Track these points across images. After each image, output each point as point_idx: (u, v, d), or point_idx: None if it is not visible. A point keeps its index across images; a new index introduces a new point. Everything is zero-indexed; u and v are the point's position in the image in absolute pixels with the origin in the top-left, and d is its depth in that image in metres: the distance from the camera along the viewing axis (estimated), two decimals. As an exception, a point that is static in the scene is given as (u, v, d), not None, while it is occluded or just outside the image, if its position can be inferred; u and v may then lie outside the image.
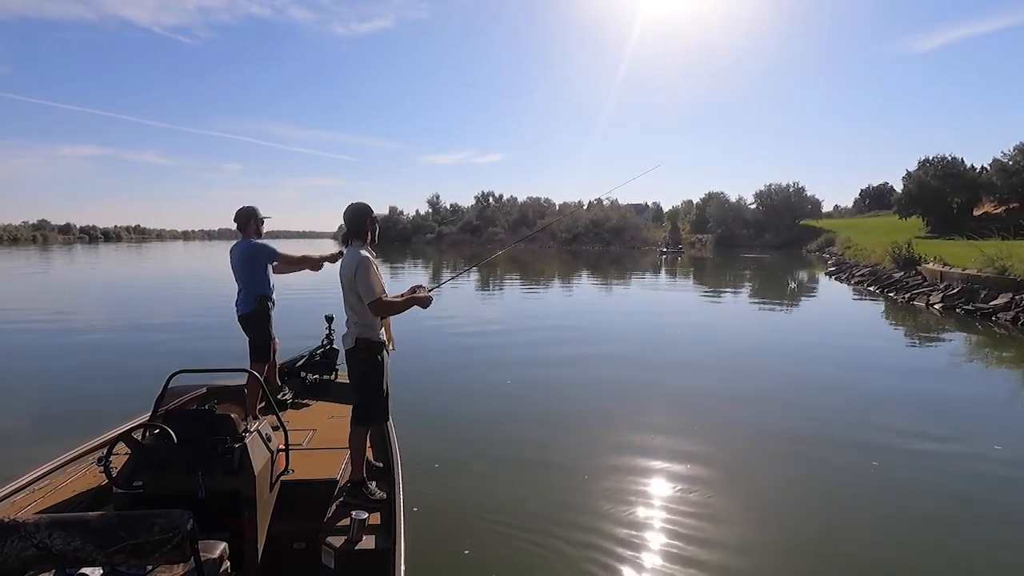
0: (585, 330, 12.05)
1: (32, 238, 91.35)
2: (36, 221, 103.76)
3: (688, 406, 6.58)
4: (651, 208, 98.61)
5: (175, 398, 2.96)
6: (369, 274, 3.01)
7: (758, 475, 4.76)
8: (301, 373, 4.81)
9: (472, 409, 6.50)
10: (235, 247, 4.20)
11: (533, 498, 4.25)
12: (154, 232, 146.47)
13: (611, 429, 5.80)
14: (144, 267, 34.87)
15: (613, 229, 68.73)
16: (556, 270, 31.27)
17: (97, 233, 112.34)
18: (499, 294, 19.74)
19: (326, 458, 3.37)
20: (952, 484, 4.61)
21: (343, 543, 2.63)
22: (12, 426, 5.56)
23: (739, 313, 15.55)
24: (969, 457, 5.09)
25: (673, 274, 29.00)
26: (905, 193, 48.53)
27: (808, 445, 5.37)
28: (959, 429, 5.79)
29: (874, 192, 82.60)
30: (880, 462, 4.94)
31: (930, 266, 17.82)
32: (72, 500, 2.89)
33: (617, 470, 4.77)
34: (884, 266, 22.24)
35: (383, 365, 3.16)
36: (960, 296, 14.27)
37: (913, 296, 15.98)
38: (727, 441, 5.45)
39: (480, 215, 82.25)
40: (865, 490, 4.49)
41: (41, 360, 8.85)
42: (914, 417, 6.16)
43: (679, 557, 3.50)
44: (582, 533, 3.74)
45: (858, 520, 3.97)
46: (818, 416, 6.23)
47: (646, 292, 20.86)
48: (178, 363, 3.05)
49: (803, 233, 57.75)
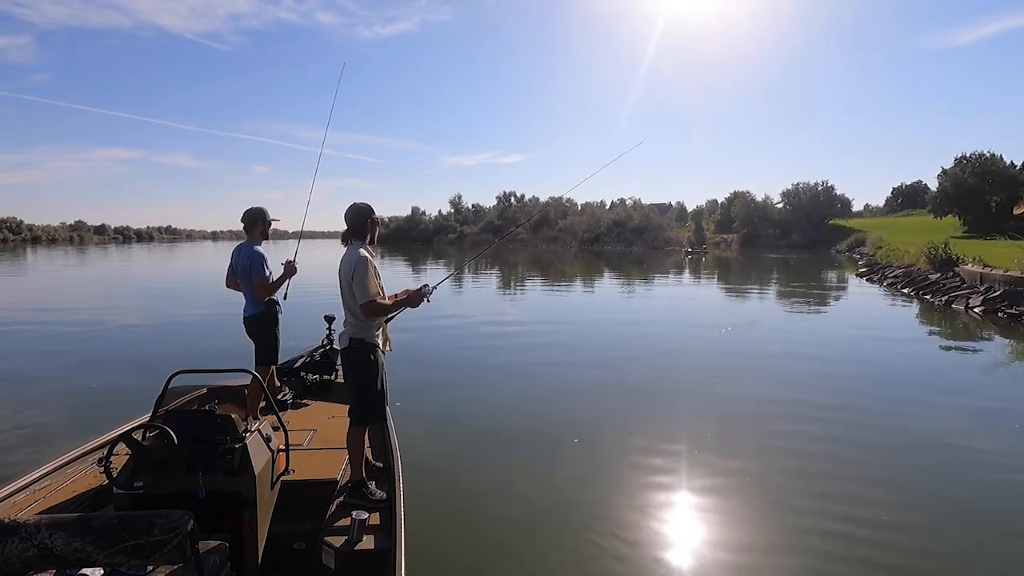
0: (592, 331, 11.90)
1: (69, 239, 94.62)
2: (73, 222, 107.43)
3: (705, 412, 6.40)
4: (675, 208, 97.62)
5: (175, 398, 2.96)
6: (367, 275, 2.97)
7: (780, 483, 4.56)
8: (301, 373, 4.81)
9: (473, 409, 6.45)
10: (241, 250, 4.05)
11: (534, 498, 4.21)
12: (184, 232, 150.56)
13: (615, 430, 5.71)
14: (165, 266, 35.74)
15: (636, 229, 68.09)
16: (577, 271, 31.09)
17: (131, 234, 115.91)
18: (510, 295, 19.72)
19: (326, 458, 3.35)
20: (997, 499, 4.35)
21: (343, 543, 2.62)
22: (12, 426, 5.61)
23: (766, 314, 15.20)
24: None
25: (697, 275, 28.53)
26: (940, 191, 47.06)
27: (840, 452, 5.15)
28: (1007, 442, 5.49)
29: (907, 191, 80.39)
30: (919, 472, 4.73)
31: (969, 267, 17.15)
32: (72, 500, 2.91)
33: (620, 471, 4.70)
34: (919, 267, 21.49)
35: (377, 365, 3.13)
36: (1002, 299, 13.67)
37: (951, 299, 15.37)
38: (741, 445, 5.28)
39: (502, 215, 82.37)
40: (901, 503, 4.25)
41: (41, 360, 8.84)
42: (957, 430, 5.86)
43: (681, 558, 3.42)
44: (583, 534, 3.70)
45: (895, 532, 3.78)
46: (851, 421, 5.97)
47: (669, 292, 20.56)
48: (179, 363, 3.03)
49: (832, 233, 56.43)
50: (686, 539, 3.67)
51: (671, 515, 3.99)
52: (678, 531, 3.77)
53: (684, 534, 3.73)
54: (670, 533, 3.74)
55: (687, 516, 3.98)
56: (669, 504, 4.15)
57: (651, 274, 28.30)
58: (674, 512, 4.04)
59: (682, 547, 3.57)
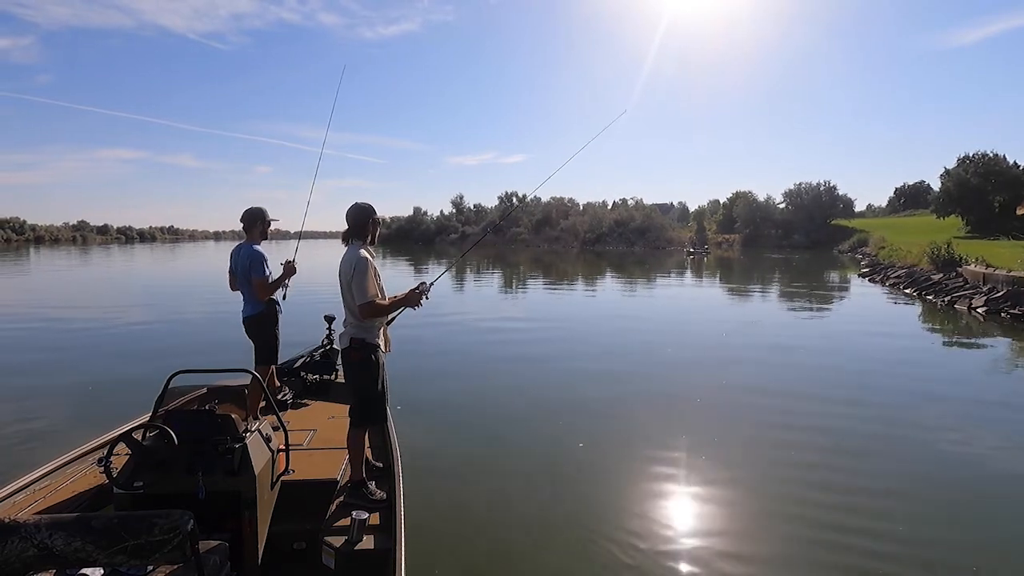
0: (593, 332, 11.88)
1: (72, 239, 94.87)
2: (76, 222, 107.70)
3: (709, 413, 6.39)
4: (677, 208, 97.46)
5: (175, 398, 2.96)
6: (366, 275, 2.97)
7: (784, 484, 4.54)
8: (301, 373, 4.81)
9: (474, 409, 6.45)
10: (240, 250, 4.04)
11: (534, 498, 4.20)
12: (187, 232, 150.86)
13: (616, 430, 5.70)
14: (166, 266, 35.80)
15: (637, 229, 68.02)
16: (578, 271, 31.06)
17: (133, 234, 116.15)
18: (512, 295, 19.70)
19: (326, 458, 3.35)
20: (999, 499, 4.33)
21: (343, 543, 2.62)
22: (12, 426, 5.61)
23: (768, 314, 15.18)
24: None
25: (699, 275, 28.48)
26: (943, 191, 46.94)
27: (844, 453, 5.13)
28: (1009, 442, 5.46)
29: (910, 191, 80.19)
30: (921, 472, 4.72)
31: (972, 267, 17.10)
32: (72, 500, 2.91)
33: (621, 471, 4.69)
34: (922, 267, 21.43)
35: (378, 366, 3.12)
36: (1005, 299, 13.61)
37: (954, 299, 15.33)
38: (746, 447, 5.26)
39: (503, 215, 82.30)
40: (904, 502, 4.24)
41: (42, 360, 8.85)
42: (960, 429, 5.83)
43: (683, 560, 3.40)
44: (584, 534, 3.68)
45: (896, 533, 3.76)
46: (854, 422, 5.95)
47: (671, 292, 20.53)
48: (179, 363, 3.03)
49: (834, 233, 56.34)
50: (689, 539, 3.65)
51: (674, 515, 3.97)
52: (681, 531, 3.75)
53: (687, 534, 3.71)
54: (672, 533, 3.72)
55: (690, 516, 3.96)
56: (672, 504, 4.13)
57: (653, 274, 28.25)
58: (678, 512, 4.01)
59: (685, 547, 3.55)
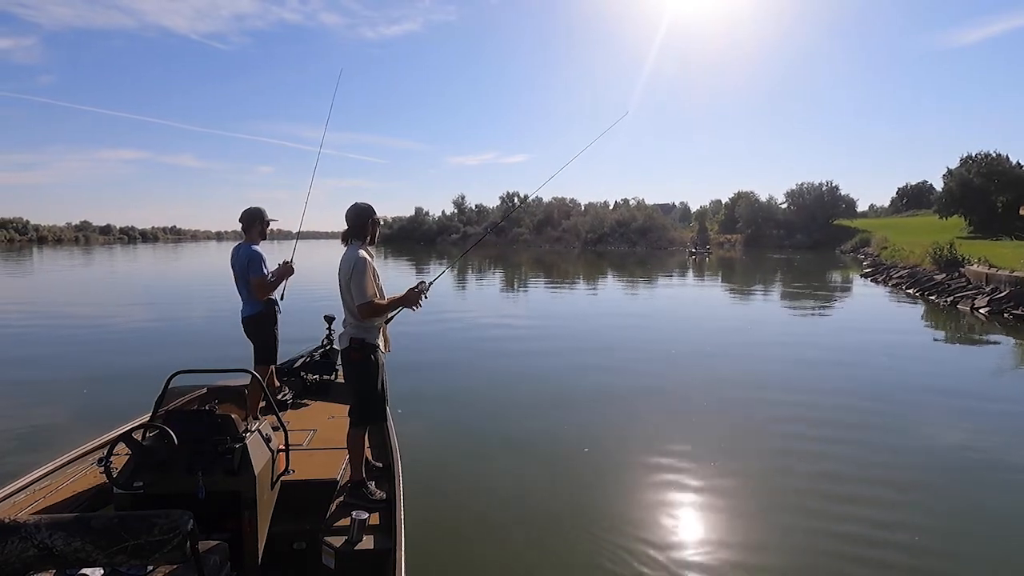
0: (594, 332, 11.88)
1: (74, 239, 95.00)
2: (78, 222, 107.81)
3: (711, 413, 6.38)
4: (678, 208, 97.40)
5: (175, 398, 2.96)
6: (365, 276, 2.97)
7: (787, 484, 4.53)
8: (301, 373, 4.81)
9: (474, 408, 6.45)
10: (239, 250, 4.03)
11: (534, 498, 4.19)
12: (189, 233, 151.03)
13: (617, 430, 5.69)
14: (168, 266, 35.82)
15: (639, 229, 67.98)
16: (580, 271, 31.05)
17: (135, 234, 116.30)
18: (513, 295, 19.69)
19: (326, 458, 3.35)
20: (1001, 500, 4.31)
21: (343, 543, 2.62)
22: (12, 426, 5.61)
23: (771, 314, 15.16)
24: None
25: (701, 275, 28.46)
26: (946, 192, 46.80)
27: (846, 453, 5.11)
28: (1011, 442, 5.45)
29: (912, 191, 79.95)
30: (923, 472, 4.70)
31: (975, 268, 17.05)
32: (72, 500, 2.91)
33: (623, 472, 4.68)
34: (924, 268, 21.37)
35: (377, 366, 3.12)
36: (1008, 300, 13.58)
37: (957, 299, 15.29)
38: (749, 448, 5.25)
39: (505, 215, 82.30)
40: (906, 503, 4.22)
41: (42, 360, 8.84)
42: (961, 429, 5.82)
43: (683, 560, 3.39)
44: (585, 534, 3.68)
45: (897, 532, 3.74)
46: (856, 422, 5.93)
47: (673, 292, 20.51)
48: (179, 363, 3.03)
49: (836, 233, 56.25)
50: (692, 540, 3.64)
51: (675, 516, 3.96)
52: (682, 532, 3.74)
53: (688, 535, 3.70)
54: (675, 533, 3.71)
55: (692, 518, 3.95)
56: (674, 505, 4.11)
57: (655, 275, 28.24)
58: (679, 513, 4.00)
59: (686, 547, 3.54)
